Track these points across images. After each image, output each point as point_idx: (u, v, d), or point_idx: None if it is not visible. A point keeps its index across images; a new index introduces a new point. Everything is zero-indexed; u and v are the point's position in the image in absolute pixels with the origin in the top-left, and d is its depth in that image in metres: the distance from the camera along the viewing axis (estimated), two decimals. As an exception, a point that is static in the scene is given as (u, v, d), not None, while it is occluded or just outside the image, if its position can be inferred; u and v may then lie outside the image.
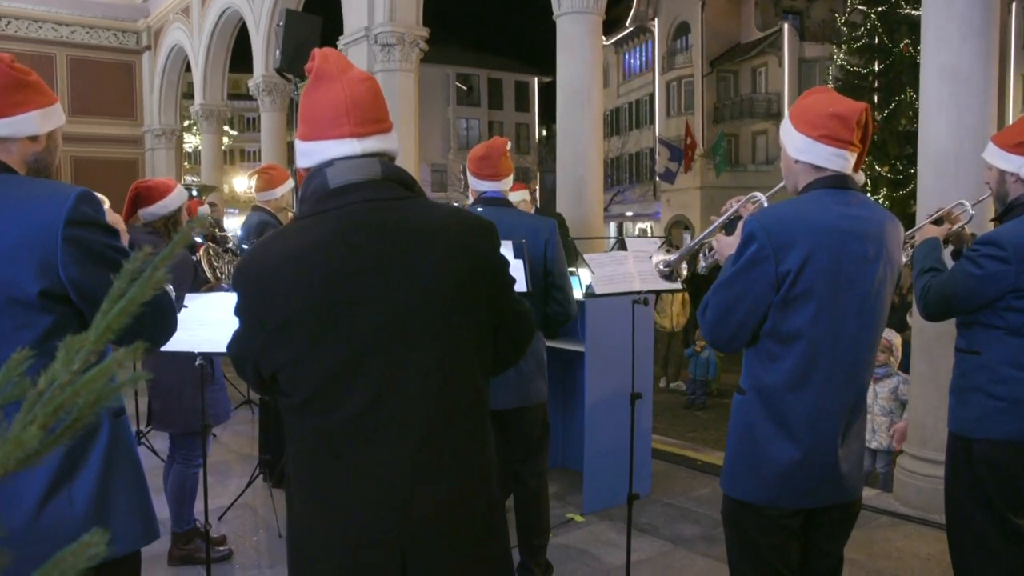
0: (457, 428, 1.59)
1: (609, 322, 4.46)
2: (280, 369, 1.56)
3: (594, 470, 4.68)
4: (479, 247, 1.64)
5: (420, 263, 1.54)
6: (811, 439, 2.17)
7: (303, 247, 1.53)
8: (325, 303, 1.50)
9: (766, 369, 2.21)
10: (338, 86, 1.59)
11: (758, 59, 34.57)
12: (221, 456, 6.00)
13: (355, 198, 1.56)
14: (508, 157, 3.44)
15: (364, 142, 1.59)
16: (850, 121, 2.16)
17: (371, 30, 10.02)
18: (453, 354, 1.58)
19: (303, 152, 1.64)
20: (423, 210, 1.61)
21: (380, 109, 1.63)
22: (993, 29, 4.76)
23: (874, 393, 5.97)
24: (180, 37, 16.56)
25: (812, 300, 2.13)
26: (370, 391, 1.51)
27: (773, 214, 2.20)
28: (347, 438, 1.53)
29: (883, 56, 22.76)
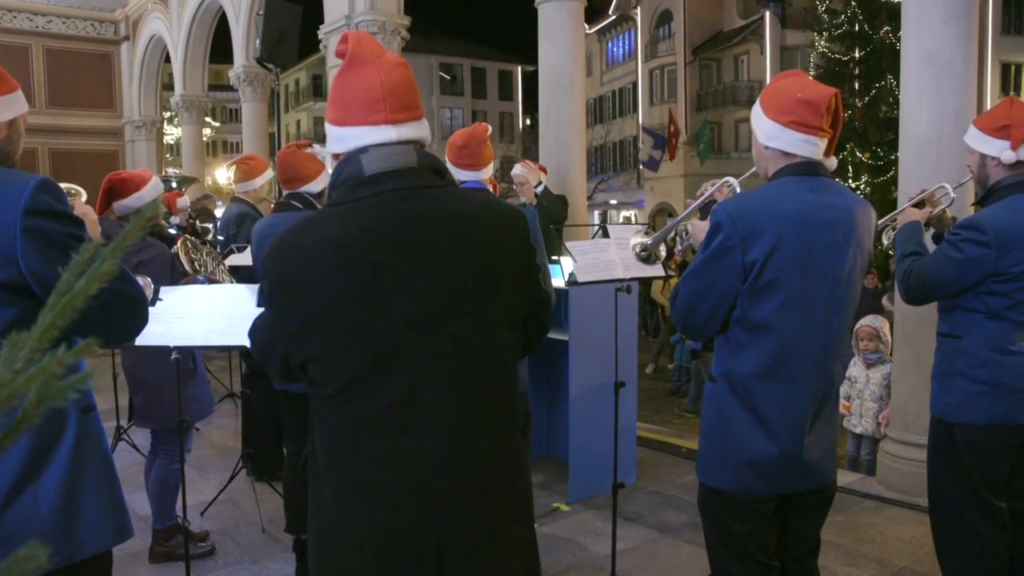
0: (491, 415, 1.60)
1: (593, 310, 4.43)
2: (313, 358, 1.54)
3: (579, 459, 4.67)
4: (514, 236, 1.64)
5: (458, 252, 1.54)
6: (781, 426, 2.17)
7: (341, 234, 1.51)
8: (364, 291, 1.49)
9: (736, 357, 2.21)
10: (373, 71, 1.56)
11: (740, 47, 34.62)
12: (204, 451, 5.95)
13: (392, 186, 1.54)
14: (489, 145, 3.38)
15: (400, 129, 1.57)
16: (819, 107, 2.14)
17: (352, 19, 9.91)
18: (488, 341, 1.58)
19: (336, 137, 1.61)
20: (458, 199, 1.61)
21: (414, 95, 1.61)
22: (973, 13, 4.77)
23: (867, 379, 6.00)
24: (159, 27, 16.36)
25: (780, 289, 2.12)
26: (407, 380, 1.51)
27: (739, 203, 2.19)
28: (383, 426, 1.52)
29: (864, 43, 22.86)
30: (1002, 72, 33.30)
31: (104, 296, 1.73)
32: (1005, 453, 2.95)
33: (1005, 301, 2.85)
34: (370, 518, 1.54)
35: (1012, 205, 2.86)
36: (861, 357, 6.07)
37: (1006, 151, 2.88)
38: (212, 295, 3.15)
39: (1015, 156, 2.87)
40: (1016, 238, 2.80)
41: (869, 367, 6.00)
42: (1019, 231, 2.81)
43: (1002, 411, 2.90)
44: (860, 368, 6.07)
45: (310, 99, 48.90)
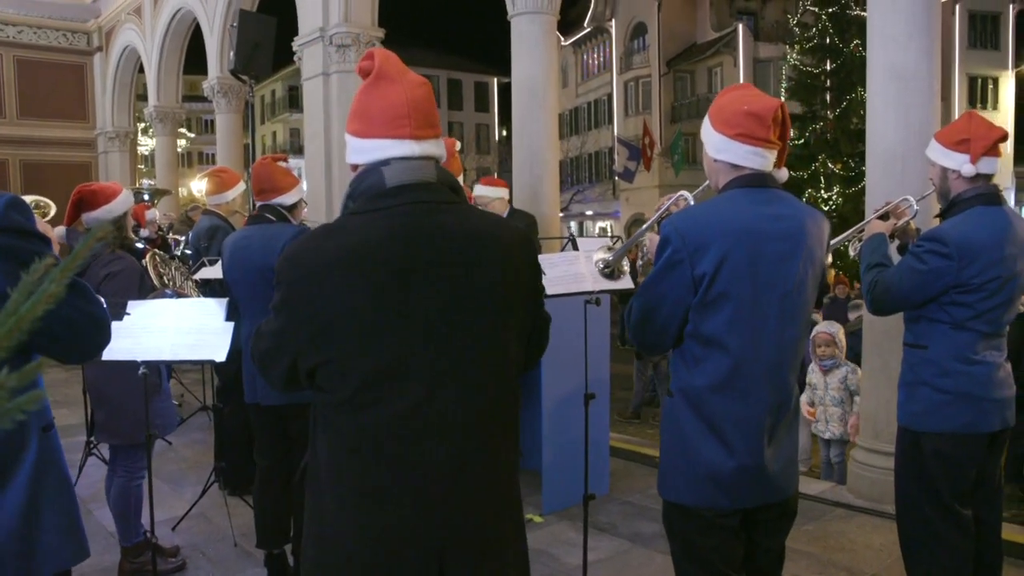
0: (497, 428, 1.64)
1: (565, 322, 4.41)
2: (323, 364, 1.56)
3: (553, 470, 4.68)
4: (523, 255, 1.70)
5: (473, 267, 1.59)
6: (738, 440, 2.16)
7: (361, 242, 1.55)
8: (381, 301, 1.53)
9: (691, 371, 2.20)
10: (399, 88, 1.61)
11: (714, 59, 34.96)
12: (176, 465, 5.90)
13: (411, 198, 1.59)
14: (457, 158, 3.41)
15: (422, 144, 1.62)
16: (766, 119, 2.14)
17: (326, 31, 9.92)
18: (498, 356, 1.63)
19: (357, 148, 1.66)
20: (473, 216, 1.66)
21: (435, 115, 1.67)
22: (936, 28, 4.86)
23: (825, 384, 6.09)
24: (132, 38, 16.26)
25: (730, 302, 2.12)
26: (418, 390, 1.54)
27: (687, 217, 2.20)
28: (392, 436, 1.55)
29: (834, 56, 23.22)
30: (969, 85, 33.92)
31: (67, 314, 1.72)
32: (970, 461, 3.00)
33: (968, 311, 2.90)
34: (374, 525, 1.56)
35: (973, 217, 2.92)
36: (818, 363, 6.16)
37: (966, 165, 2.94)
38: (180, 309, 3.14)
39: (975, 169, 2.94)
40: (977, 249, 2.85)
41: (825, 373, 6.09)
42: (980, 243, 2.86)
43: (967, 420, 2.95)
44: (818, 374, 6.17)
45: (286, 111, 48.73)
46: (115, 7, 16.89)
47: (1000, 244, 2.87)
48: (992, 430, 2.99)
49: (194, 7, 13.60)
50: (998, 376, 3.00)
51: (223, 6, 12.49)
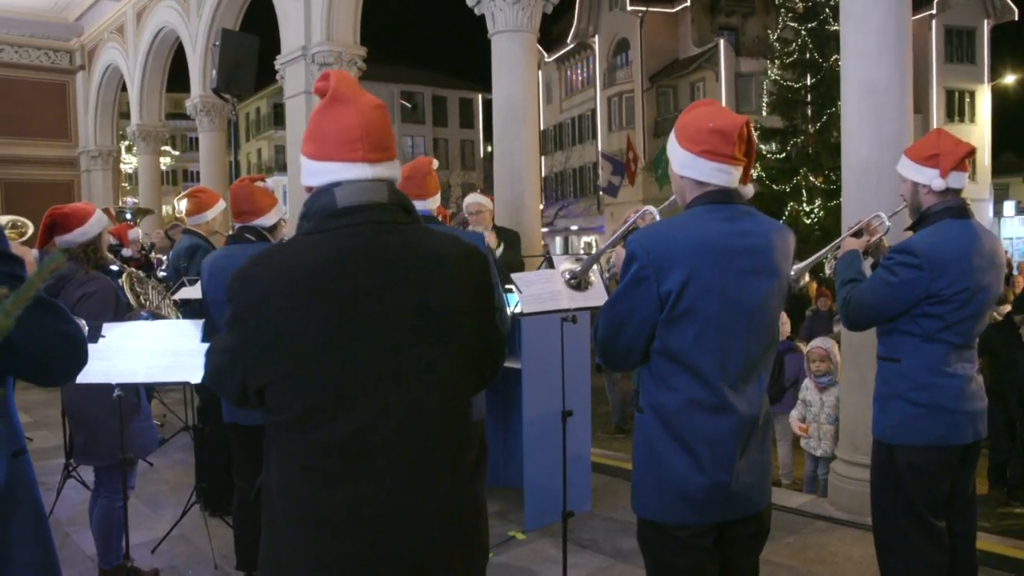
0: (447, 448, 1.63)
1: (544, 339, 4.45)
2: (271, 383, 1.56)
3: (534, 487, 4.68)
4: (476, 273, 1.71)
5: (423, 288, 1.59)
6: (710, 455, 2.16)
7: (310, 262, 1.56)
8: (329, 320, 1.53)
9: (660, 388, 2.20)
10: (353, 110, 1.62)
11: (696, 74, 35.27)
12: (156, 486, 5.85)
13: (362, 219, 1.59)
14: (434, 176, 3.43)
15: (375, 167, 1.63)
16: (731, 135, 2.15)
17: (308, 49, 9.97)
18: (446, 376, 1.63)
19: (311, 171, 1.67)
20: (425, 235, 1.67)
21: (389, 137, 1.68)
22: (907, 44, 4.94)
23: (820, 402, 6.10)
24: (115, 56, 16.25)
25: (697, 318, 2.12)
26: (366, 411, 1.54)
27: (653, 233, 2.20)
28: (339, 456, 1.54)
29: (814, 71, 23.43)
30: (947, 98, 34.38)
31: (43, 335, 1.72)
32: (944, 473, 3.03)
33: (939, 323, 2.94)
34: (324, 549, 1.54)
35: (942, 229, 2.97)
36: (813, 380, 6.18)
37: (936, 179, 3.00)
38: (156, 331, 3.13)
39: (945, 184, 2.99)
40: (947, 261, 2.90)
41: (822, 391, 6.11)
42: (949, 254, 2.91)
43: (940, 432, 2.98)
44: (814, 392, 6.18)
45: (271, 127, 48.71)
46: (98, 26, 16.89)
47: (968, 256, 2.93)
48: (964, 442, 3.02)
49: (177, 26, 13.62)
50: (970, 388, 3.03)
51: (206, 25, 12.52)
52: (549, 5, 7.48)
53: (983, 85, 35.09)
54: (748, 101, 33.49)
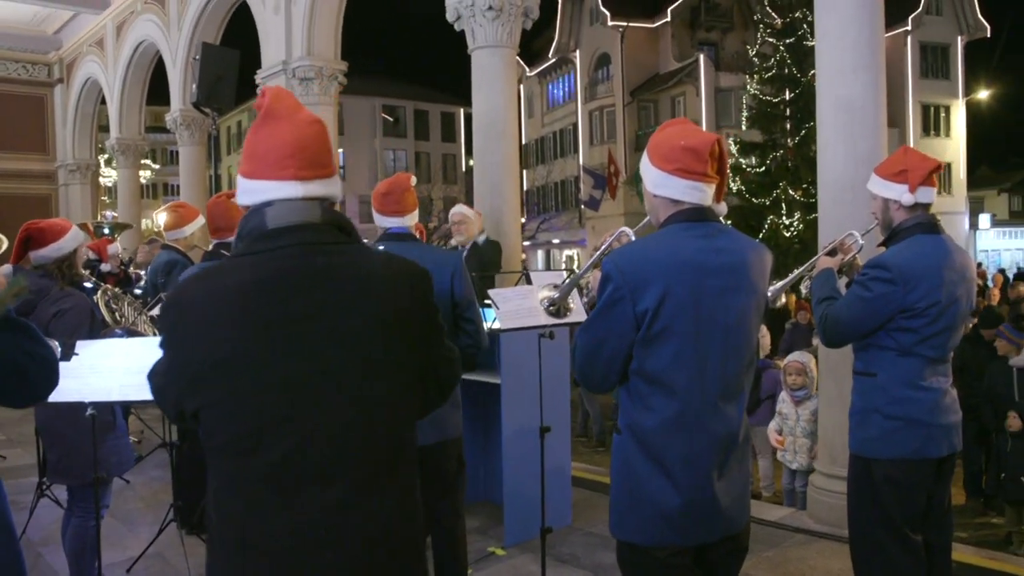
0: (386, 473, 1.59)
1: (524, 355, 4.46)
2: (204, 407, 1.54)
3: (514, 502, 4.66)
4: (413, 294, 1.65)
5: (353, 310, 1.55)
6: (688, 476, 2.14)
7: (237, 287, 1.53)
8: (256, 345, 1.50)
9: (637, 408, 2.19)
10: (286, 127, 1.59)
11: (676, 89, 35.57)
12: (133, 504, 5.78)
13: (292, 240, 1.56)
14: (412, 192, 3.43)
15: (307, 186, 1.59)
16: (702, 153, 2.15)
17: (289, 64, 9.97)
18: (383, 400, 1.58)
19: (245, 190, 1.63)
20: (359, 255, 1.62)
21: (326, 154, 1.64)
22: (880, 62, 5.01)
23: (796, 416, 6.12)
24: (94, 70, 16.18)
25: (673, 337, 2.11)
26: (296, 435, 1.50)
27: (627, 253, 2.20)
28: (271, 481, 1.51)
29: (793, 85, 23.70)
30: (923, 113, 34.87)
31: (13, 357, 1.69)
32: (920, 486, 3.06)
33: (914, 336, 2.97)
34: (257, 573, 1.51)
35: (914, 244, 3.02)
36: (789, 393, 6.21)
37: (905, 194, 3.06)
38: (129, 348, 3.10)
39: (914, 198, 3.06)
40: (919, 274, 2.94)
41: (798, 404, 6.14)
42: (921, 267, 2.95)
43: (916, 446, 3.00)
44: (790, 405, 6.21)
45: (252, 141, 48.52)
46: (76, 39, 16.81)
47: (939, 270, 2.97)
48: (940, 455, 3.05)
49: (157, 39, 13.58)
50: (944, 402, 3.07)
51: (186, 39, 12.49)
52: (529, 21, 7.52)
53: (958, 100, 35.63)
54: (728, 115, 33.79)
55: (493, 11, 7.15)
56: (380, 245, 3.41)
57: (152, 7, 13.62)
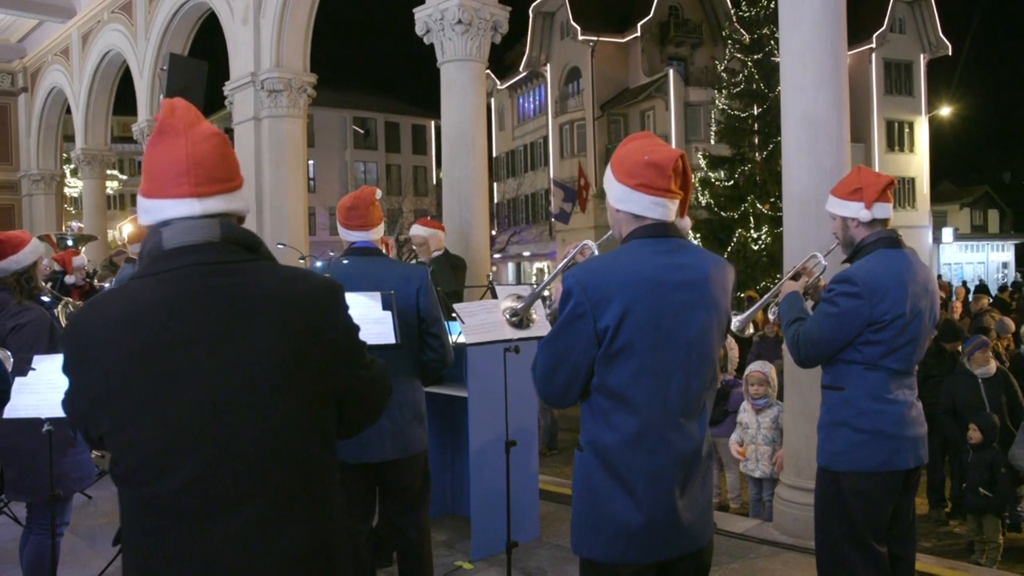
0: (295, 501, 1.53)
1: (490, 368, 4.45)
2: (105, 435, 1.50)
3: (481, 516, 4.65)
4: (318, 314, 1.58)
5: (252, 331, 1.49)
6: (650, 493, 2.13)
7: (132, 311, 1.47)
8: (147, 372, 1.44)
9: (599, 425, 2.17)
10: (181, 142, 1.53)
11: (646, 103, 35.89)
12: (94, 520, 5.68)
13: (189, 260, 1.50)
14: (378, 206, 3.43)
15: (205, 202, 1.53)
16: (666, 169, 2.15)
17: (257, 76, 9.92)
18: (287, 425, 1.51)
19: (144, 209, 1.57)
20: (262, 274, 1.55)
21: (226, 168, 1.58)
22: (843, 78, 5.09)
23: (757, 424, 6.18)
24: (59, 79, 15.98)
25: (634, 353, 2.10)
26: (197, 465, 1.45)
27: (589, 269, 2.19)
28: (173, 511, 1.46)
29: (761, 101, 23.99)
30: (887, 128, 35.54)
31: None
32: (887, 499, 3.08)
33: (880, 349, 3.01)
34: None
35: (878, 257, 3.08)
36: (751, 402, 6.27)
37: (862, 211, 3.12)
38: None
39: (871, 214, 3.12)
40: (884, 287, 2.98)
41: (758, 412, 6.20)
42: (886, 280, 3.00)
43: (883, 458, 3.03)
44: (750, 414, 6.27)
45: (221, 152, 48.15)
46: (41, 48, 16.60)
47: (904, 283, 3.02)
48: (907, 467, 3.08)
49: (124, 49, 13.45)
50: (911, 414, 3.10)
51: (153, 49, 12.39)
52: (498, 35, 7.55)
53: (921, 116, 36.38)
54: (697, 129, 34.17)
55: (462, 25, 7.18)
56: (345, 260, 3.40)
57: (119, 17, 13.49)
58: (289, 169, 9.93)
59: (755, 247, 23.42)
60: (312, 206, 25.40)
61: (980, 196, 45.94)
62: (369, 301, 2.98)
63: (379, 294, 3.00)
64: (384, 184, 46.09)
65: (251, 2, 9.96)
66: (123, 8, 13.40)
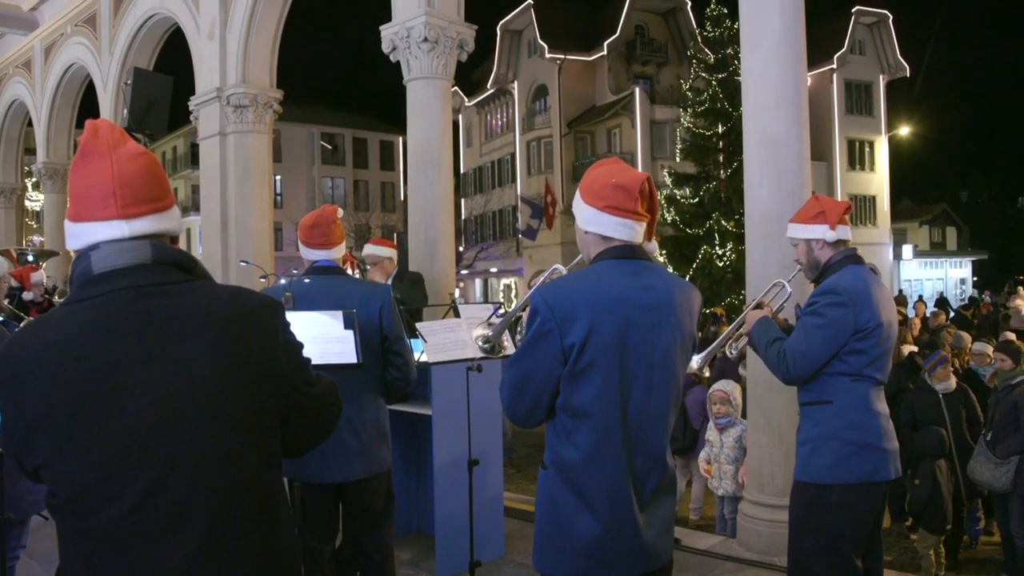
0: (240, 526, 1.50)
1: (454, 387, 4.44)
2: (40, 467, 1.46)
3: (445, 535, 4.62)
4: (255, 333, 1.56)
5: (188, 353, 1.46)
6: (610, 510, 2.15)
7: (63, 338, 1.44)
8: (80, 400, 1.41)
9: (563, 444, 2.20)
10: (106, 163, 1.49)
11: (612, 121, 36.23)
12: (51, 542, 5.52)
13: (120, 284, 1.48)
14: (339, 225, 3.42)
15: (133, 224, 1.50)
16: (633, 191, 2.20)
17: (223, 91, 9.87)
18: (229, 447, 1.49)
19: (71, 234, 1.53)
20: (197, 295, 1.53)
21: (155, 187, 1.54)
22: (804, 100, 5.18)
23: (720, 442, 6.23)
24: (21, 91, 15.75)
25: (598, 372, 2.13)
26: (136, 493, 1.41)
27: (556, 288, 2.22)
28: (116, 539, 1.42)
29: (725, 119, 24.37)
30: (848, 148, 36.25)
31: None
32: (872, 510, 3.11)
33: (864, 358, 3.05)
34: None
35: (851, 272, 3.14)
36: (714, 421, 6.32)
37: (827, 232, 3.19)
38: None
39: (836, 234, 3.19)
40: (864, 296, 3.05)
41: (721, 431, 6.25)
42: (866, 289, 3.06)
43: (870, 468, 3.06)
44: (715, 432, 6.32)
45: (187, 167, 47.60)
46: (1, 60, 16.36)
47: (876, 295, 3.09)
48: (890, 478, 3.12)
49: (87, 63, 13.30)
50: (889, 427, 3.15)
51: (118, 63, 12.27)
52: (464, 53, 7.58)
53: (881, 136, 37.17)
54: (663, 147, 34.54)
55: (428, 43, 7.20)
56: (307, 279, 3.38)
57: (82, 30, 13.35)
58: (254, 185, 9.87)
59: (720, 264, 23.70)
60: (279, 222, 25.20)
61: (939, 214, 46.91)
62: (331, 320, 2.97)
63: (341, 313, 2.99)
64: (352, 200, 45.94)
65: (217, 17, 9.92)
66: (87, 21, 13.26)
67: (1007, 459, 5.50)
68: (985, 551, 6.88)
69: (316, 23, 74.58)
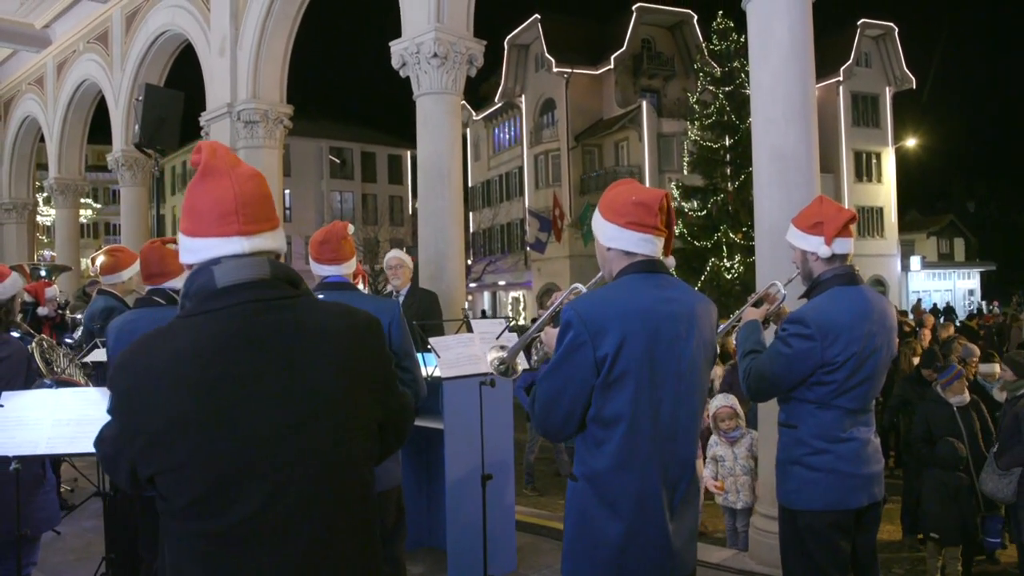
0: (348, 526, 1.59)
1: (467, 401, 4.45)
2: (160, 472, 1.51)
3: (458, 549, 4.62)
4: (369, 346, 1.65)
5: (306, 364, 1.54)
6: (639, 519, 2.20)
7: (190, 348, 1.50)
8: (213, 406, 1.47)
9: (593, 455, 2.24)
10: (227, 182, 1.58)
11: (620, 134, 36.32)
12: (62, 556, 5.57)
13: (244, 298, 1.55)
14: (350, 241, 3.44)
15: (252, 240, 1.58)
16: (652, 207, 2.28)
17: (234, 107, 9.93)
18: (343, 453, 1.58)
19: (188, 248, 1.61)
20: (313, 309, 1.62)
21: (269, 207, 1.63)
22: (812, 113, 5.20)
23: (733, 455, 6.19)
24: (33, 108, 15.88)
25: (630, 382, 2.18)
26: (257, 496, 1.48)
27: (587, 301, 2.27)
28: (233, 543, 1.49)
29: (732, 132, 24.42)
30: (855, 159, 36.22)
31: None
32: (841, 536, 3.05)
33: (832, 388, 2.98)
34: None
35: (834, 296, 3.05)
36: (722, 436, 6.29)
37: (822, 247, 3.08)
38: (59, 400, 3.01)
39: (830, 251, 3.08)
40: (837, 328, 2.96)
41: (732, 444, 6.22)
42: (840, 322, 2.97)
43: (835, 497, 3.01)
44: (724, 447, 6.27)
45: (196, 182, 47.96)
46: (15, 77, 16.51)
47: (859, 322, 2.99)
48: (860, 505, 3.06)
49: (99, 79, 13.42)
50: (866, 452, 3.07)
51: (129, 79, 12.37)
52: (473, 69, 7.62)
53: (887, 147, 37.14)
54: (670, 160, 34.58)
55: (438, 59, 7.25)
56: (319, 294, 3.40)
57: (95, 47, 13.47)
58: (265, 199, 9.90)
59: (728, 276, 23.68)
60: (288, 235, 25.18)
61: (946, 225, 46.79)
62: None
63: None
64: (360, 214, 46.09)
65: (228, 34, 10.01)
66: (99, 38, 13.38)
67: (1009, 470, 5.46)
68: (1000, 566, 6.82)
69: (325, 38, 75.04)
